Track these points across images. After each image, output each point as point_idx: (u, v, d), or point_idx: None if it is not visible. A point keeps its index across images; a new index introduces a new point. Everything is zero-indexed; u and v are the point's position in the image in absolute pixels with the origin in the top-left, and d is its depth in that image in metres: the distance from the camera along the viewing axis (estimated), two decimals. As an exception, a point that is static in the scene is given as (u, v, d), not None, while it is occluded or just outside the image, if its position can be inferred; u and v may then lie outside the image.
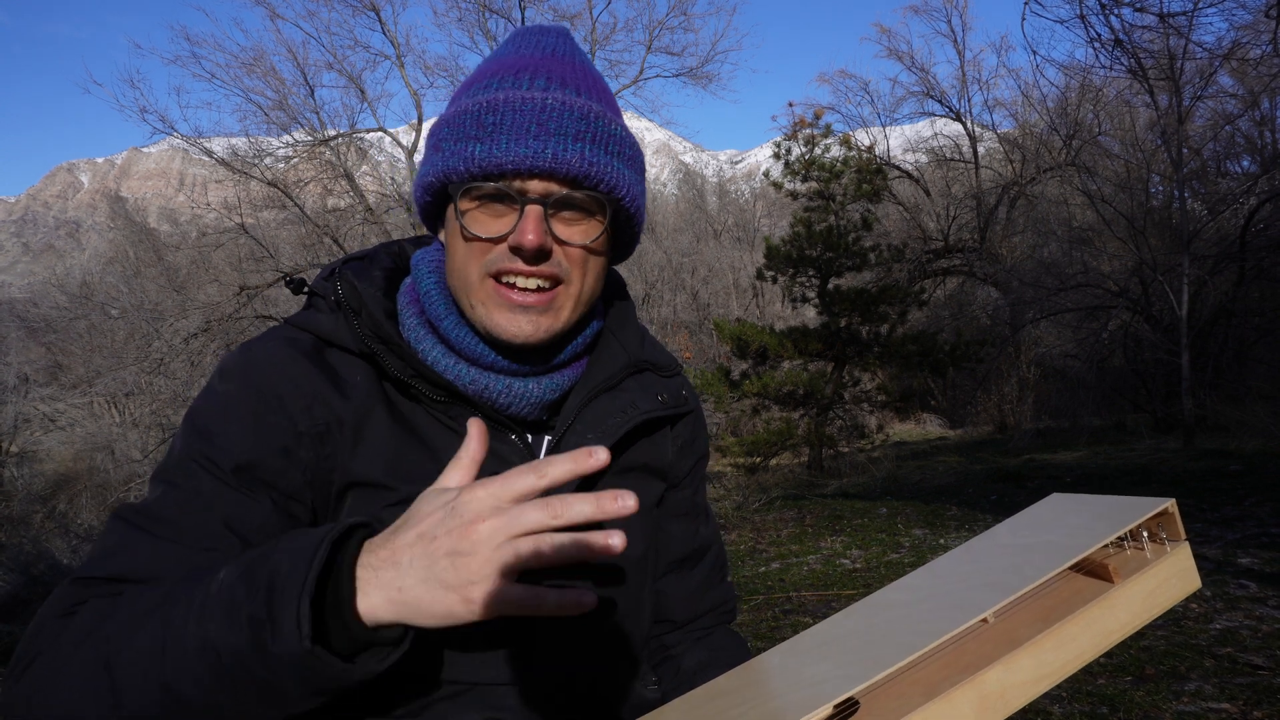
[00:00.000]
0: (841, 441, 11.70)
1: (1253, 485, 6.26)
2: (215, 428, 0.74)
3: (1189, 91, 11.41)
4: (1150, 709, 2.61)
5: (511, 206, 0.75)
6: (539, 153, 0.72)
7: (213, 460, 0.72)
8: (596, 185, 0.75)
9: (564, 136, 0.73)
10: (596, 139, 0.75)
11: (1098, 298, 13.31)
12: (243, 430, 0.74)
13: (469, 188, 0.74)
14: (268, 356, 0.77)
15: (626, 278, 12.87)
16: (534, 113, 0.73)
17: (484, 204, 0.75)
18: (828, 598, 4.47)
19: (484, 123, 0.73)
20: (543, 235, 0.73)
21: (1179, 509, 0.69)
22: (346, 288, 0.81)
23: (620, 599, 0.87)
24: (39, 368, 25.51)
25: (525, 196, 0.74)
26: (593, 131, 0.75)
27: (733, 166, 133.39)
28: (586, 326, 0.87)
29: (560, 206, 0.75)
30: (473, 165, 0.73)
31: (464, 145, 0.74)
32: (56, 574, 6.03)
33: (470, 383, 0.80)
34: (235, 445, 0.73)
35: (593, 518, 0.55)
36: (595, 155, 0.75)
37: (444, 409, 0.80)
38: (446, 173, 0.75)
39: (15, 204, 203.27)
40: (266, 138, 14.47)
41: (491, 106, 0.74)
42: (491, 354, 0.80)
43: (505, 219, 0.75)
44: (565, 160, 0.73)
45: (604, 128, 0.76)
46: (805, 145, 11.79)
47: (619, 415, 0.86)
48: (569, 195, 0.75)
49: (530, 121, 0.73)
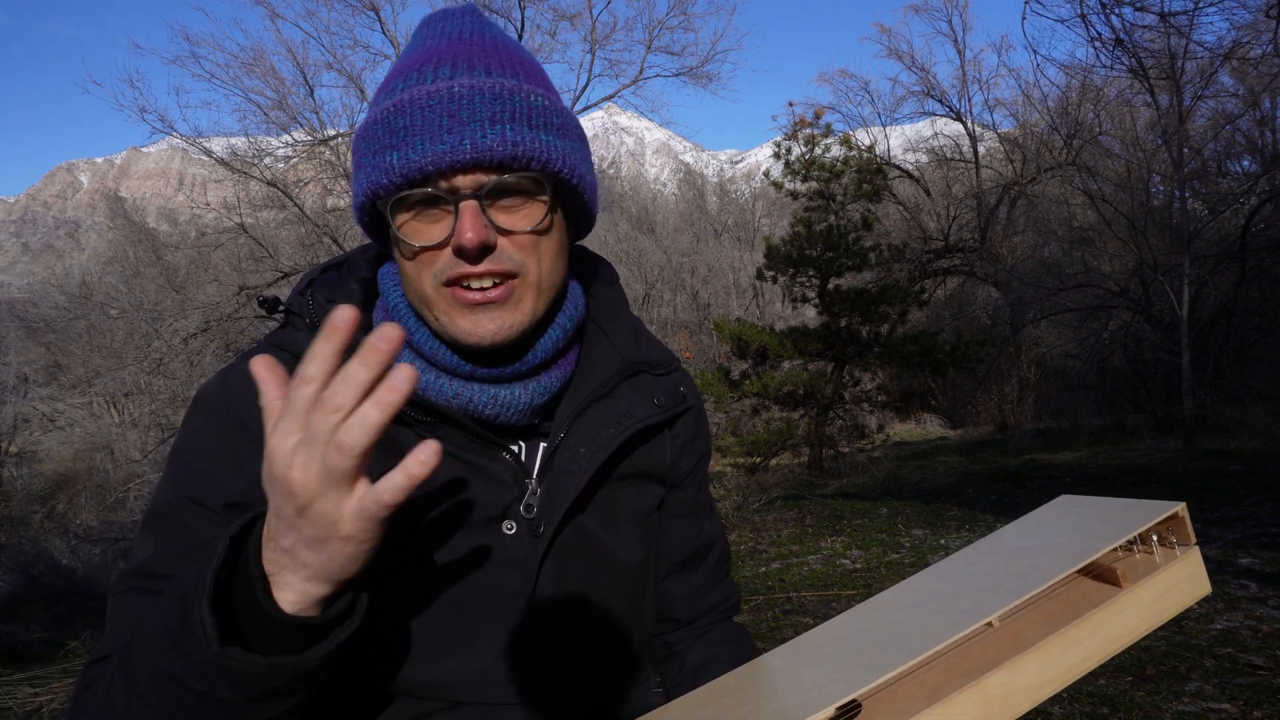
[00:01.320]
0: (842, 441, 11.69)
1: (1253, 485, 6.26)
2: (200, 466, 0.73)
3: (1190, 91, 11.42)
4: (1151, 709, 2.60)
5: (445, 209, 0.71)
6: (456, 146, 0.68)
7: (202, 502, 0.71)
8: (527, 164, 0.70)
9: (479, 122, 0.68)
10: (516, 116, 0.70)
11: (1098, 298, 13.31)
12: (226, 467, 0.72)
13: (397, 199, 0.70)
14: (246, 386, 0.74)
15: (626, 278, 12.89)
16: (443, 104, 0.68)
17: (417, 212, 0.72)
18: (828, 598, 4.47)
19: (395, 128, 0.69)
20: (482, 230, 0.69)
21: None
22: (318, 312, 0.78)
23: (621, 605, 0.86)
24: (38, 368, 25.51)
25: (456, 194, 0.70)
26: (510, 110, 0.70)
27: (733, 166, 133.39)
28: (559, 313, 0.82)
29: (495, 195, 0.71)
30: (394, 175, 0.69)
31: (381, 156, 0.70)
32: (56, 574, 6.03)
33: (454, 397, 0.76)
34: (222, 483, 0.72)
35: (371, 377, 0.50)
36: (518, 134, 0.70)
37: (431, 430, 0.77)
38: (371, 189, 0.71)
39: (15, 204, 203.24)
40: (266, 137, 14.46)
41: (399, 109, 0.70)
42: (467, 364, 0.77)
43: (442, 223, 0.71)
44: (486, 147, 0.68)
45: (521, 103, 0.71)
46: (805, 145, 11.79)
47: (613, 426, 0.83)
48: (500, 182, 0.70)
49: (441, 115, 0.68)
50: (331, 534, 0.52)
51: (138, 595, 0.69)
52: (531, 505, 0.79)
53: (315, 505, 0.51)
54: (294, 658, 0.56)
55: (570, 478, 0.79)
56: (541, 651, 0.79)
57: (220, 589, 0.56)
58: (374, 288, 0.85)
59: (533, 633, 0.78)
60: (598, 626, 0.83)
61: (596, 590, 0.83)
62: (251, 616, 0.56)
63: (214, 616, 0.54)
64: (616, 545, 0.85)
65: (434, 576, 0.76)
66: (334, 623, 0.58)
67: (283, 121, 14.27)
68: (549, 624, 0.79)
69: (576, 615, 0.81)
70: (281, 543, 0.54)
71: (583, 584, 0.82)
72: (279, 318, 0.82)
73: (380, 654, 0.75)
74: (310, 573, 0.54)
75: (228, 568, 0.56)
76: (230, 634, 0.55)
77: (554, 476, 0.80)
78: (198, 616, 0.53)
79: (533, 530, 0.78)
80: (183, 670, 0.55)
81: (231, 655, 0.53)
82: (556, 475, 0.80)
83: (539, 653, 0.78)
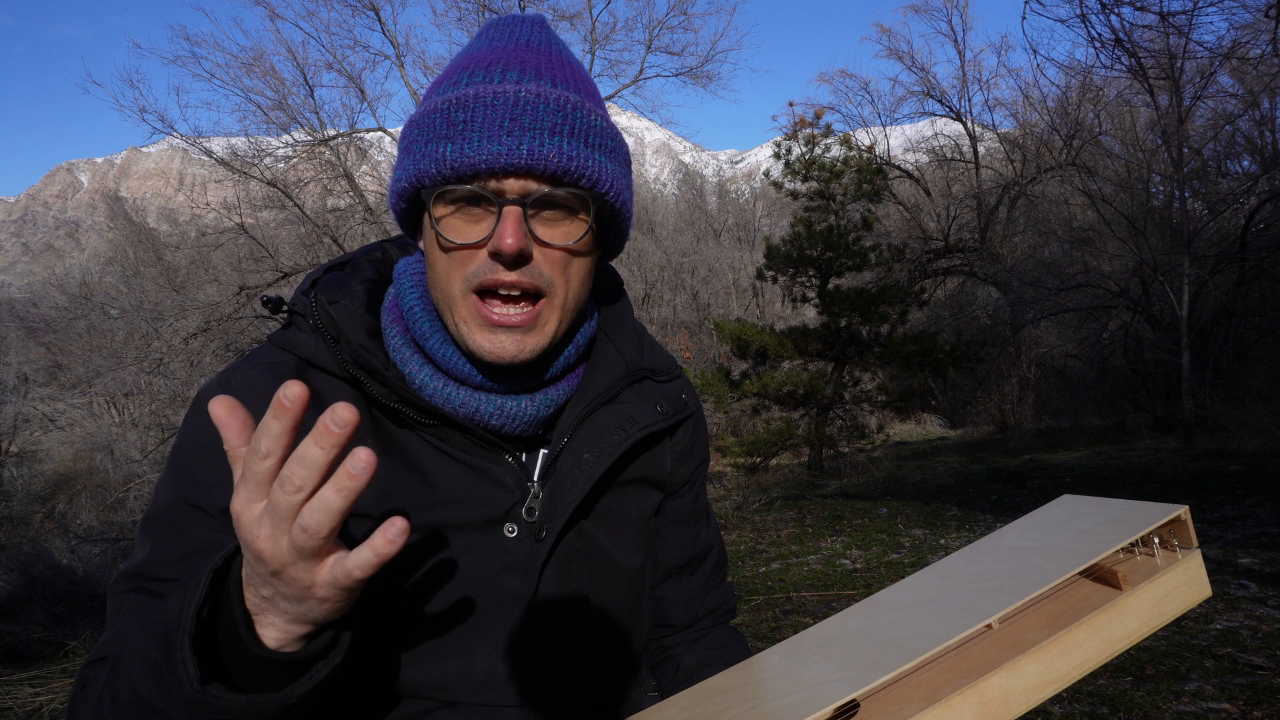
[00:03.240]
0: (842, 441, 11.69)
1: (1253, 485, 6.26)
2: (197, 471, 0.73)
3: (1189, 91, 11.41)
4: (1150, 709, 2.60)
5: (488, 209, 0.70)
6: (514, 149, 0.67)
7: (199, 506, 0.71)
8: (577, 181, 0.70)
9: (540, 131, 0.68)
10: (575, 132, 0.70)
11: (1098, 298, 13.31)
12: (223, 472, 0.72)
13: (442, 191, 0.70)
14: (245, 389, 0.75)
15: (626, 278, 12.84)
16: (507, 107, 0.68)
17: (460, 208, 0.71)
18: (828, 598, 4.47)
19: (454, 120, 0.69)
20: (523, 238, 0.69)
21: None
22: (322, 314, 0.77)
23: (620, 609, 0.86)
24: (38, 368, 25.48)
25: (502, 197, 0.69)
26: (570, 124, 0.70)
27: (733, 166, 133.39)
28: (577, 333, 0.82)
29: (540, 206, 0.71)
30: (444, 167, 0.68)
31: (434, 146, 0.69)
32: (56, 574, 6.02)
33: (460, 405, 0.76)
34: (218, 488, 0.71)
35: (327, 459, 0.49)
36: (574, 149, 0.70)
37: (434, 432, 0.77)
38: (418, 176, 0.71)
39: (15, 204, 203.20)
40: (266, 138, 14.45)
41: (461, 103, 0.69)
42: (479, 375, 0.76)
43: (483, 223, 0.71)
44: (542, 156, 0.68)
45: (583, 119, 0.71)
46: (805, 145, 11.79)
47: (617, 432, 0.82)
48: (549, 193, 0.70)
49: (503, 116, 0.68)
50: (307, 595, 0.53)
51: (136, 596, 0.70)
52: (533, 509, 0.79)
53: (287, 572, 0.52)
54: (274, 694, 0.56)
55: (574, 482, 0.79)
56: (541, 654, 0.78)
57: (202, 622, 0.56)
58: (378, 289, 0.84)
59: (533, 636, 0.78)
60: (598, 630, 0.83)
61: (597, 594, 0.83)
62: (234, 652, 0.56)
63: (195, 655, 0.54)
64: (617, 550, 0.85)
65: (433, 577, 0.76)
66: (316, 657, 0.58)
67: (283, 121, 14.27)
68: (549, 627, 0.79)
69: (577, 619, 0.81)
70: (261, 591, 0.54)
71: (584, 588, 0.82)
72: (282, 318, 0.82)
73: (379, 655, 0.75)
74: (291, 617, 0.55)
75: (211, 599, 0.57)
76: (212, 666, 0.56)
77: (557, 481, 0.80)
78: (179, 656, 0.53)
79: (535, 534, 0.78)
80: (164, 704, 0.55)
81: (213, 694, 0.54)
82: (560, 480, 0.80)
83: (539, 656, 0.78)
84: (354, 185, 14.72)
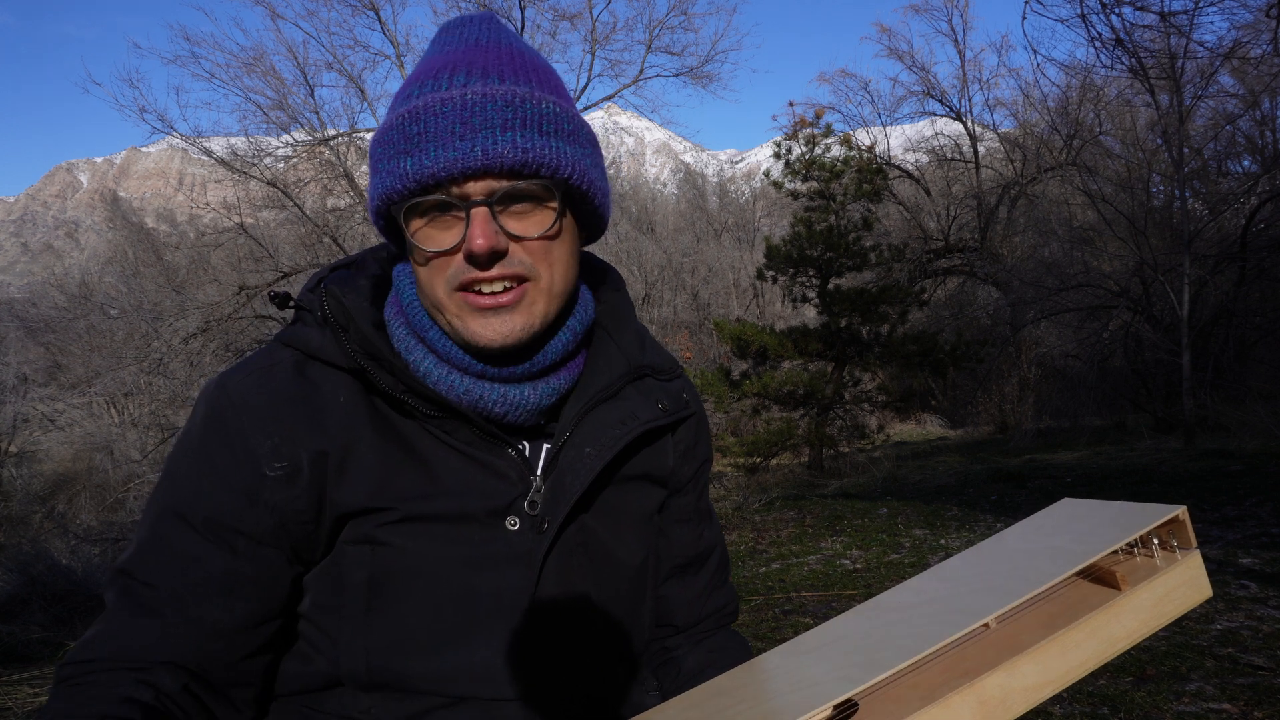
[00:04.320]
0: (842, 441, 11.70)
1: (1253, 485, 6.26)
2: (185, 476, 0.76)
3: (1190, 91, 11.42)
4: (1151, 709, 2.60)
5: (457, 215, 0.72)
6: (468, 153, 0.69)
7: (183, 515, 0.74)
8: (537, 171, 0.72)
9: (491, 129, 0.70)
10: (528, 124, 0.71)
11: (1098, 298, 13.31)
12: (209, 480, 0.74)
13: (410, 205, 0.72)
14: (240, 394, 0.76)
15: (627, 278, 12.89)
16: (456, 111, 0.70)
17: (431, 218, 0.73)
18: (828, 598, 4.47)
19: (409, 134, 0.71)
20: (492, 236, 0.71)
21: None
22: (332, 303, 0.79)
23: (621, 605, 0.86)
24: (38, 368, 25.49)
25: (468, 201, 0.71)
26: (521, 117, 0.71)
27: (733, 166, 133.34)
28: (569, 317, 0.83)
29: (506, 202, 0.72)
30: (407, 180, 0.70)
31: (395, 162, 0.71)
32: (55, 574, 6.02)
33: (464, 393, 0.77)
34: (203, 496, 0.74)
35: None
36: (529, 141, 0.71)
37: (438, 423, 0.78)
38: (386, 194, 0.73)
39: (14, 204, 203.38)
40: (266, 137, 14.46)
41: (414, 115, 0.71)
42: (479, 363, 0.78)
43: (455, 229, 0.73)
44: (497, 154, 0.69)
45: (533, 110, 0.72)
46: (805, 145, 11.80)
47: (618, 426, 0.83)
48: (512, 188, 0.71)
49: (454, 121, 0.70)
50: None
51: (119, 596, 0.74)
52: (535, 502, 0.79)
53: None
54: None
55: (575, 476, 0.80)
56: (541, 648, 0.79)
57: None
58: (383, 285, 0.86)
59: (533, 629, 0.78)
60: (598, 625, 0.83)
61: (598, 589, 0.83)
62: None
63: None
64: (618, 546, 0.86)
65: (434, 568, 0.76)
66: None
67: (283, 121, 14.27)
68: (550, 621, 0.79)
69: (578, 613, 0.81)
70: None
71: (585, 582, 0.82)
72: (289, 314, 0.84)
73: (379, 647, 0.75)
74: None
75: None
76: None
77: (559, 474, 0.80)
78: None
79: (536, 527, 0.79)
80: None
81: None
82: (561, 473, 0.80)
83: (539, 649, 0.78)
84: (354, 185, 14.72)
